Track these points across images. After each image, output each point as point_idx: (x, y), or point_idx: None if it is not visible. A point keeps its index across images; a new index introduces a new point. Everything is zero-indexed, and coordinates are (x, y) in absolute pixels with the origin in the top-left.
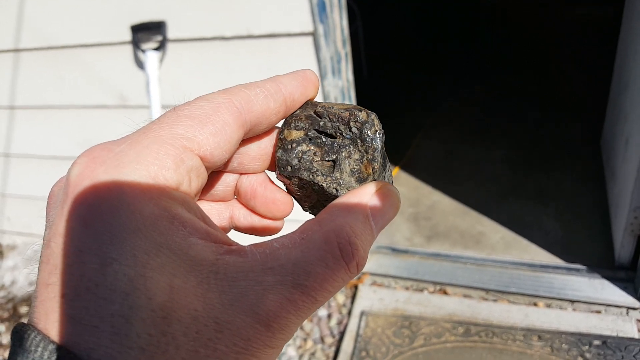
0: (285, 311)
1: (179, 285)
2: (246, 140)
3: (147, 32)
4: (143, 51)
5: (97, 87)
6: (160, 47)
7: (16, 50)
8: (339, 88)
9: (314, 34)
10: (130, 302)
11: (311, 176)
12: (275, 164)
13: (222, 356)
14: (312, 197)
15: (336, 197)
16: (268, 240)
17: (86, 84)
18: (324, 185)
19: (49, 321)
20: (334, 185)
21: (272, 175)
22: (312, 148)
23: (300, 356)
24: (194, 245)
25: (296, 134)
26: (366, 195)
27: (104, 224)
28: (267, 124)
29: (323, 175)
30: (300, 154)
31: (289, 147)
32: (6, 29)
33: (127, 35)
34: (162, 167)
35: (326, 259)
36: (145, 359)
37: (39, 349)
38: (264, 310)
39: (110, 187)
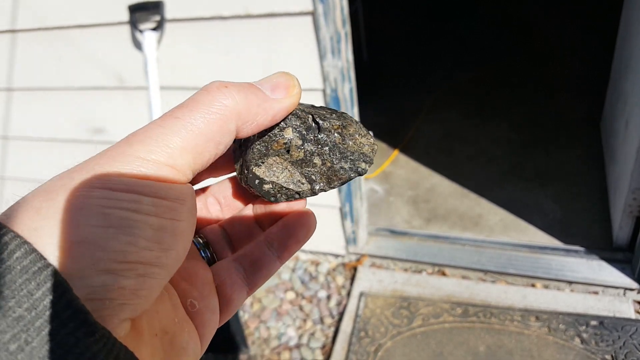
0: None
1: None
2: None
3: (144, 12)
4: (141, 31)
5: (95, 68)
6: (158, 27)
7: (12, 31)
8: (338, 69)
9: (313, 14)
10: None
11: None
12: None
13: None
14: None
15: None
16: None
17: (83, 65)
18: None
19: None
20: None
21: None
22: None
23: (300, 336)
24: None
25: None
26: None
27: None
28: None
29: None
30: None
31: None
32: (2, 9)
33: (125, 16)
34: None
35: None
36: None
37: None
38: None
39: None
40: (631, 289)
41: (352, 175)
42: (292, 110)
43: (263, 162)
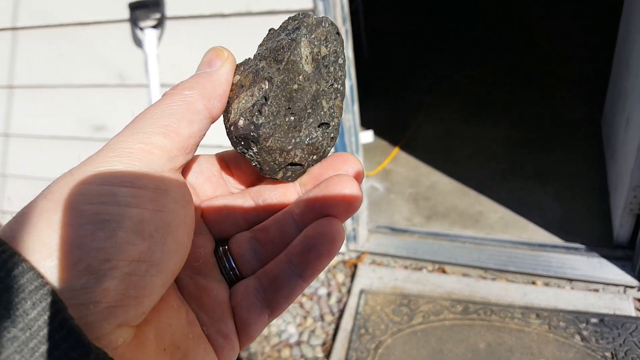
0: None
1: None
2: None
3: (145, 9)
4: (141, 29)
5: (96, 66)
6: (159, 24)
7: (14, 29)
8: None
9: (313, 11)
10: None
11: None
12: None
13: None
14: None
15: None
16: None
17: (84, 63)
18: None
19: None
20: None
21: None
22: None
23: (300, 333)
24: None
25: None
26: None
27: None
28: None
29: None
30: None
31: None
32: (3, 7)
33: (125, 13)
34: None
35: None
36: None
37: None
38: None
39: None
40: (632, 287)
41: (294, 36)
42: (234, 67)
43: (229, 112)
